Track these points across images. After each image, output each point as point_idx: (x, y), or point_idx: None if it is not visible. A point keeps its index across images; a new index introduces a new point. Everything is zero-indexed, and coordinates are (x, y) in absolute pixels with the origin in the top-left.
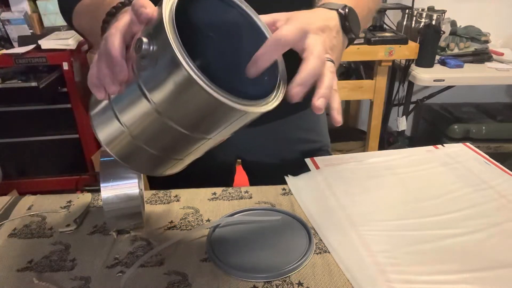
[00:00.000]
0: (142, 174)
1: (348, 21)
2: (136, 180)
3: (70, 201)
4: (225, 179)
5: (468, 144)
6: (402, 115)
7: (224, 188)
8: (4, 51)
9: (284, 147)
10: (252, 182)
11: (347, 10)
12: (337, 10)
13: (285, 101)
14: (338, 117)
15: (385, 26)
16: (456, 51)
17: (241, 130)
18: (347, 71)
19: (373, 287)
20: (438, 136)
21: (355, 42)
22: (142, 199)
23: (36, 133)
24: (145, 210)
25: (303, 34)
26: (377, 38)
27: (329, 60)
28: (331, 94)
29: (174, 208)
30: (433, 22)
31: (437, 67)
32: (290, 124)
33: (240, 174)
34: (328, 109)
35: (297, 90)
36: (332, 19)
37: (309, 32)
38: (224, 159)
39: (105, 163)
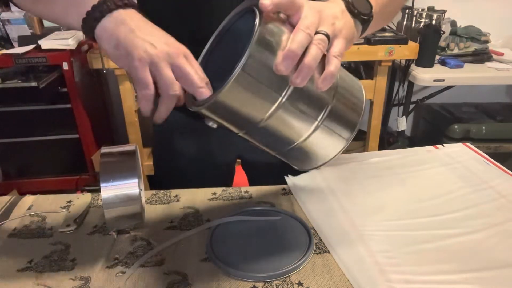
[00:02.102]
0: (142, 174)
1: (352, 4)
2: (136, 180)
3: (70, 201)
4: (225, 179)
5: (468, 144)
6: (402, 115)
7: (224, 188)
8: (4, 51)
9: None
10: (252, 182)
11: None
12: None
13: None
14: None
15: (385, 26)
16: (456, 51)
17: None
18: None
19: (373, 287)
20: (438, 136)
21: (354, 42)
22: (142, 199)
23: (36, 133)
24: (145, 210)
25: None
26: (377, 38)
27: (322, 34)
28: (312, 67)
29: (174, 208)
30: (433, 22)
31: (437, 67)
32: None
33: (240, 174)
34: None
35: (285, 63)
36: (336, 3)
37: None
38: (224, 159)
39: (105, 163)
